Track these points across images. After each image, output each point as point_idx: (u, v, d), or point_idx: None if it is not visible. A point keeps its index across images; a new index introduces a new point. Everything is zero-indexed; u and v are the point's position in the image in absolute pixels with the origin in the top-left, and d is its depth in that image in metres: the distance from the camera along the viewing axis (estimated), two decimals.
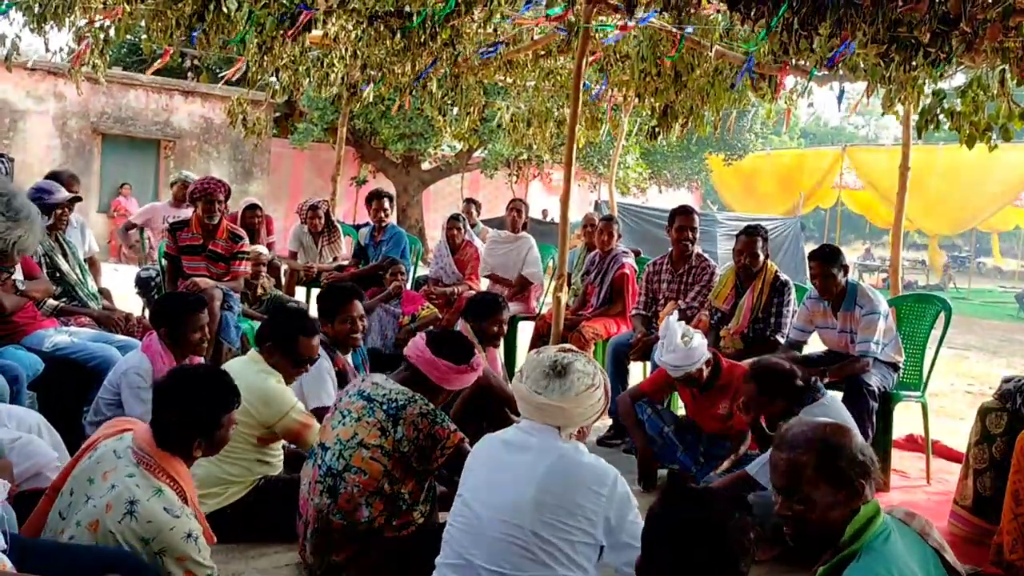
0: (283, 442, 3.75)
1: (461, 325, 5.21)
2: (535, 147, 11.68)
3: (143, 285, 6.87)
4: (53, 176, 5.72)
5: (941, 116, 5.26)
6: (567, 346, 2.76)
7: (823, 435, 2.16)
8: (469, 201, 9.40)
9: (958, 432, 6.07)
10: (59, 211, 5.03)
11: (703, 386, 4.63)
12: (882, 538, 2.08)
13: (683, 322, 4.74)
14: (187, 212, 6.55)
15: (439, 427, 3.05)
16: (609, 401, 2.70)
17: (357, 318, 4.35)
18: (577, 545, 2.46)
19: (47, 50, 7.06)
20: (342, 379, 4.25)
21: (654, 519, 2.01)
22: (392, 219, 7.73)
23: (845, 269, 5.08)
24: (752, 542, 1.95)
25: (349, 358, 4.56)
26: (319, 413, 3.75)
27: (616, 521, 2.49)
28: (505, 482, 2.53)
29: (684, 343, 4.45)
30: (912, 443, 5.89)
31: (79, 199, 5.38)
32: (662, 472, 4.85)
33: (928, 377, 5.23)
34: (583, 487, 2.48)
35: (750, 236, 5.44)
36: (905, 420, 5.92)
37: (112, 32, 6.93)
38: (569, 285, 6.58)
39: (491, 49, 7.00)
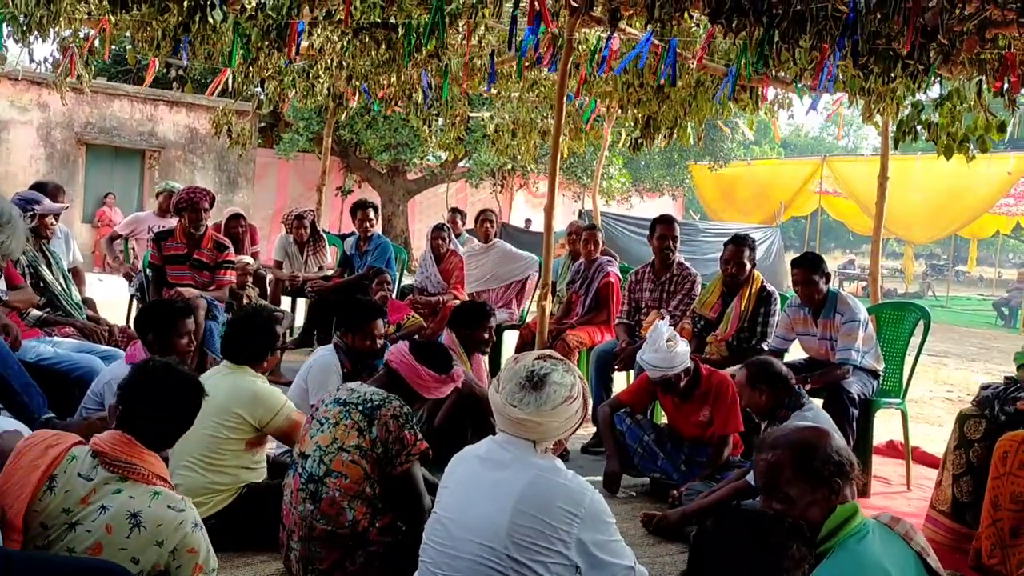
0: (267, 450, 3.78)
1: (447, 335, 5.25)
2: (520, 157, 11.73)
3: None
4: (38, 187, 5.72)
5: (919, 127, 5.36)
6: (547, 352, 2.68)
7: (799, 436, 2.29)
8: (454, 211, 9.43)
9: (937, 438, 6.15)
10: (44, 220, 5.02)
11: (684, 393, 4.68)
12: (857, 537, 2.14)
13: (672, 328, 4.80)
14: (172, 222, 6.56)
15: (407, 432, 3.07)
16: (588, 412, 2.63)
17: (378, 336, 4.45)
18: (551, 566, 2.40)
19: (31, 60, 7.07)
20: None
21: (708, 538, 2.04)
22: (377, 229, 7.76)
23: (827, 277, 5.15)
24: (803, 570, 1.98)
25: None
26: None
27: (592, 542, 2.43)
28: (480, 503, 2.48)
29: (668, 346, 4.50)
30: (892, 449, 5.95)
31: (64, 208, 5.39)
32: (644, 480, 4.89)
33: (908, 384, 5.30)
34: (558, 508, 2.42)
35: (737, 245, 5.50)
36: (885, 427, 5.98)
37: (97, 43, 6.94)
38: (554, 294, 6.62)
39: (488, 81, 7.07)
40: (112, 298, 8.48)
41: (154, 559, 2.42)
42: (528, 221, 22.75)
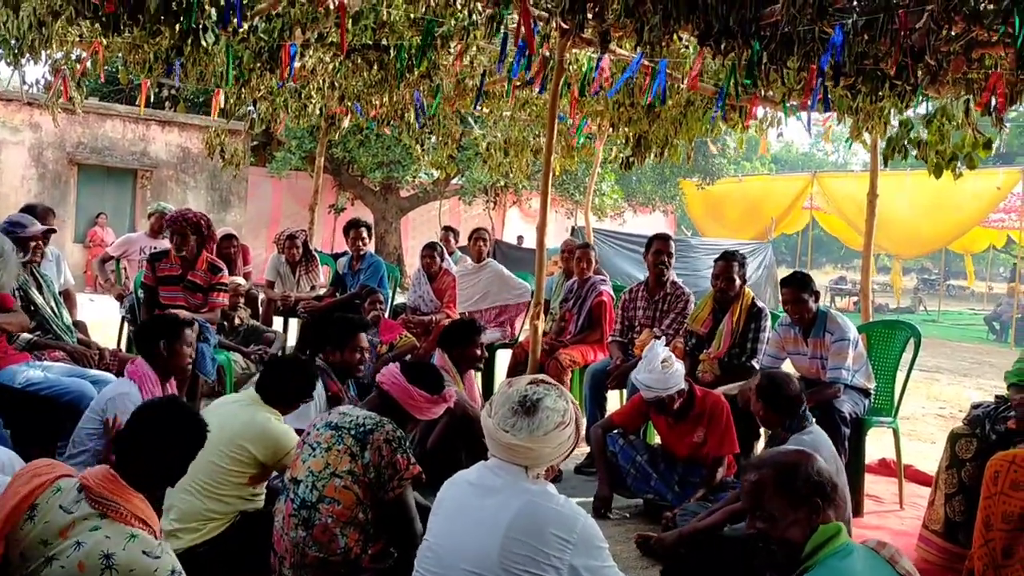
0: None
1: (438, 355, 5.24)
2: (512, 175, 11.78)
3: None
4: (28, 209, 5.71)
5: (908, 145, 5.40)
6: (540, 377, 2.69)
7: (782, 457, 2.38)
8: (447, 229, 9.44)
9: (930, 456, 6.15)
10: (33, 244, 5.01)
11: (677, 414, 4.68)
12: (839, 556, 2.18)
13: (668, 348, 4.81)
14: (164, 243, 6.56)
15: (400, 456, 3.05)
16: (580, 438, 2.64)
17: (364, 349, 4.48)
18: None
19: (23, 82, 7.07)
20: (337, 403, 4.29)
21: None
22: (371, 247, 7.76)
23: (816, 295, 5.17)
24: None
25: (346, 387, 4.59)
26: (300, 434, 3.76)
27: (584, 567, 2.42)
28: (470, 530, 2.47)
29: (663, 367, 4.51)
30: (885, 468, 5.95)
31: (53, 231, 5.38)
32: (637, 502, 4.88)
33: (899, 402, 5.31)
34: (550, 535, 2.41)
35: (727, 261, 5.53)
36: (878, 445, 5.99)
37: (89, 64, 6.96)
38: (547, 312, 6.62)
39: (476, 101, 7.11)
40: (103, 319, 8.46)
41: None
42: (520, 238, 22.80)
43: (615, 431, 4.88)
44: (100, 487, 2.41)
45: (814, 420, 4.14)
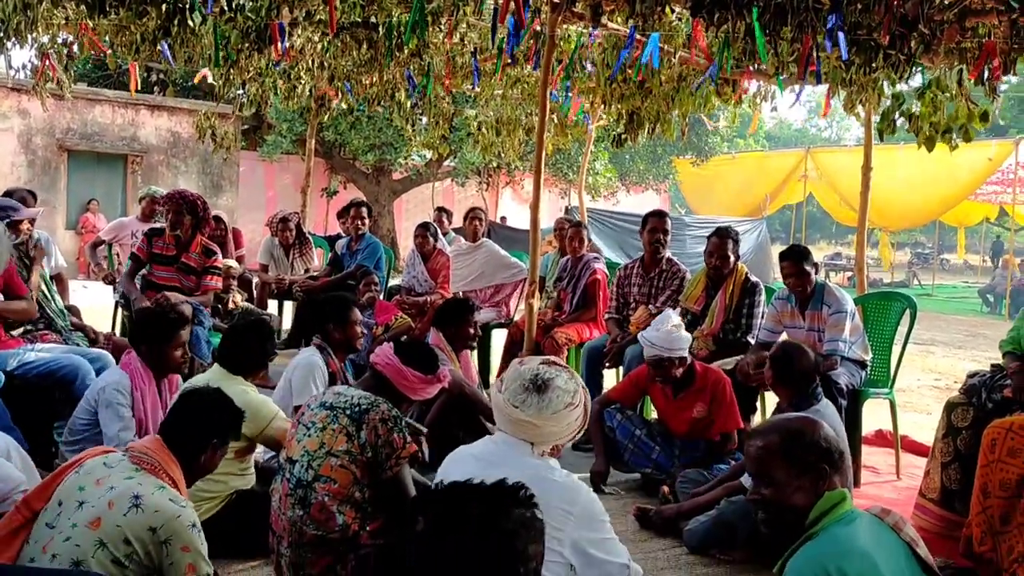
0: (256, 456, 3.76)
1: (433, 334, 5.24)
2: (504, 155, 11.72)
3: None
4: (7, 195, 5.67)
5: (900, 118, 5.38)
6: (552, 359, 2.70)
7: (788, 423, 2.36)
8: (440, 210, 9.41)
9: (926, 426, 6.18)
10: (21, 227, 4.98)
11: (677, 387, 4.68)
12: (843, 523, 2.17)
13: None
14: (157, 226, 6.53)
15: (396, 435, 3.05)
16: (587, 421, 2.65)
17: (359, 323, 4.55)
18: (549, 564, 2.31)
19: (9, 67, 7.00)
20: (334, 382, 4.29)
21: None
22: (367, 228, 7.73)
23: (815, 268, 5.17)
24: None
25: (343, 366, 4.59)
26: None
27: (586, 540, 2.45)
28: None
29: (672, 329, 4.55)
30: (881, 439, 5.98)
31: (38, 211, 5.37)
32: (634, 476, 4.89)
33: (895, 374, 5.32)
34: (552, 507, 2.37)
35: (721, 238, 5.51)
36: (874, 416, 6.01)
37: (76, 48, 6.89)
38: (542, 291, 6.61)
39: (476, 80, 7.05)
40: (97, 305, 8.43)
41: (146, 545, 2.51)
42: (504, 218, 22.79)
43: (612, 406, 4.88)
44: (144, 448, 2.72)
45: (823, 397, 4.11)
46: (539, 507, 1.75)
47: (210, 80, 7.65)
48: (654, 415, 5.23)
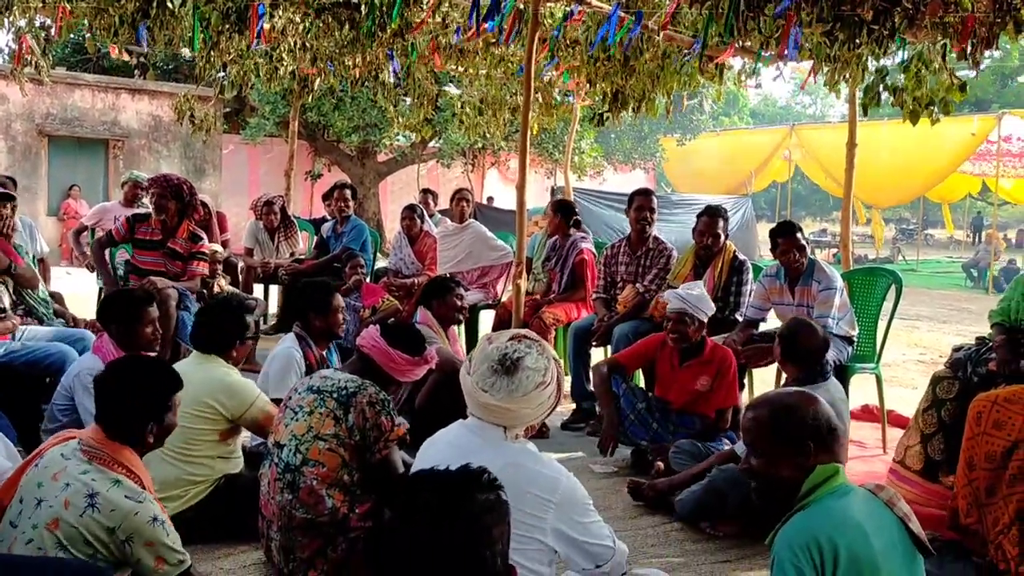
0: (242, 440, 3.74)
1: (421, 313, 5.22)
2: (490, 135, 11.66)
3: None
4: None
5: (884, 91, 5.39)
6: (522, 332, 2.62)
7: (781, 397, 2.38)
8: (426, 191, 9.38)
9: (912, 401, 6.20)
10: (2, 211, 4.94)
11: (685, 356, 4.70)
12: (835, 495, 2.20)
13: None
14: (139, 211, 6.47)
15: (384, 418, 3.04)
16: (561, 396, 2.58)
17: (342, 309, 4.46)
18: (528, 553, 2.36)
19: None
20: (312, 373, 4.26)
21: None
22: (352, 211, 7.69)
23: (807, 243, 5.19)
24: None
25: (326, 353, 4.56)
26: (279, 404, 3.74)
27: (568, 525, 2.41)
28: None
29: (704, 293, 4.70)
30: (868, 413, 6.02)
31: (12, 197, 5.30)
32: (625, 453, 4.89)
33: (881, 349, 5.35)
34: (532, 496, 2.37)
35: (711, 217, 5.51)
36: (861, 391, 6.05)
37: (53, 31, 6.80)
38: (529, 272, 6.60)
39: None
40: (81, 292, 8.37)
41: (107, 545, 2.47)
42: (490, 199, 22.74)
43: (618, 373, 4.84)
44: (90, 439, 2.61)
45: (831, 375, 4.12)
46: (503, 489, 1.76)
47: (190, 54, 7.56)
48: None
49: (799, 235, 5.13)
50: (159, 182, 5.84)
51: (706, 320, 4.67)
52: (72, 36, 6.97)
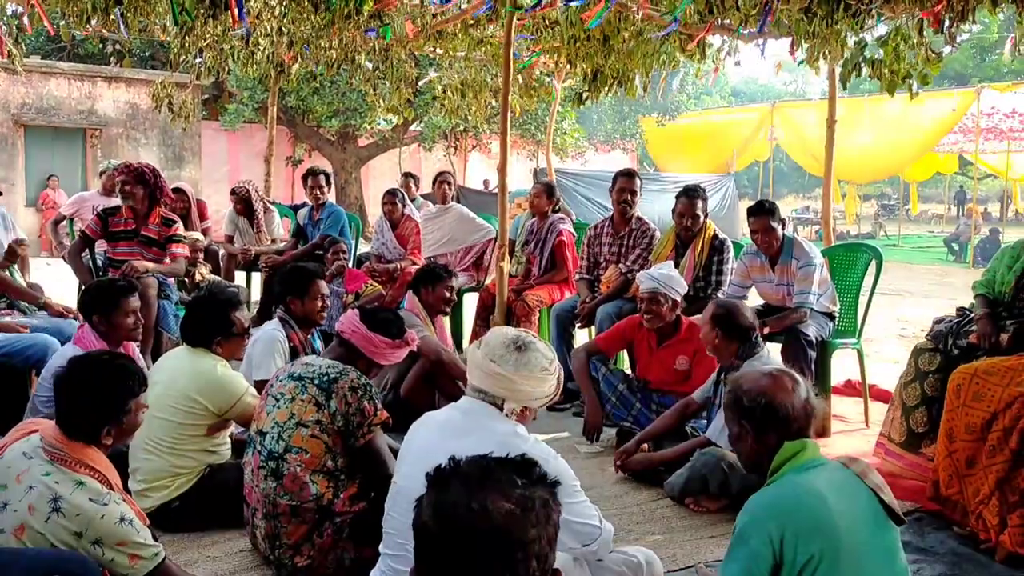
0: (230, 430, 3.73)
1: (409, 298, 5.21)
2: (471, 118, 11.60)
3: None
4: None
5: (863, 64, 5.40)
6: (530, 333, 2.70)
7: (742, 380, 2.47)
8: (407, 175, 9.33)
9: (893, 375, 6.25)
10: None
11: (662, 337, 4.72)
12: (800, 470, 2.25)
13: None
14: (118, 201, 6.40)
15: (367, 403, 3.05)
16: (559, 393, 2.64)
17: (324, 296, 4.42)
18: None
19: None
20: (296, 355, 4.24)
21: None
22: (330, 197, 7.63)
23: (782, 223, 5.19)
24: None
25: (309, 338, 4.54)
26: (261, 385, 3.71)
27: None
28: None
29: (674, 272, 4.71)
30: (850, 388, 6.06)
31: None
32: (610, 434, 4.91)
33: (863, 324, 5.38)
34: None
35: (690, 198, 5.51)
36: (843, 366, 6.09)
37: (26, 19, 6.69)
38: (511, 254, 6.59)
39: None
40: (61, 282, 8.29)
41: (76, 549, 2.42)
42: (486, 182, 22.61)
43: (596, 358, 4.90)
44: (51, 438, 2.55)
45: (764, 344, 4.21)
46: (543, 486, 1.68)
47: (168, 39, 7.46)
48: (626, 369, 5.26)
49: (769, 217, 5.08)
50: (121, 171, 5.81)
51: (679, 299, 4.72)
52: (43, 24, 6.83)
